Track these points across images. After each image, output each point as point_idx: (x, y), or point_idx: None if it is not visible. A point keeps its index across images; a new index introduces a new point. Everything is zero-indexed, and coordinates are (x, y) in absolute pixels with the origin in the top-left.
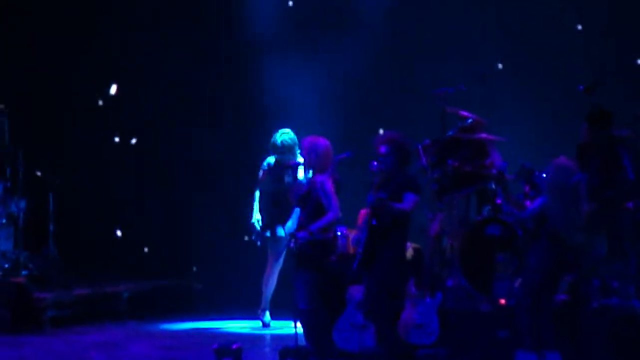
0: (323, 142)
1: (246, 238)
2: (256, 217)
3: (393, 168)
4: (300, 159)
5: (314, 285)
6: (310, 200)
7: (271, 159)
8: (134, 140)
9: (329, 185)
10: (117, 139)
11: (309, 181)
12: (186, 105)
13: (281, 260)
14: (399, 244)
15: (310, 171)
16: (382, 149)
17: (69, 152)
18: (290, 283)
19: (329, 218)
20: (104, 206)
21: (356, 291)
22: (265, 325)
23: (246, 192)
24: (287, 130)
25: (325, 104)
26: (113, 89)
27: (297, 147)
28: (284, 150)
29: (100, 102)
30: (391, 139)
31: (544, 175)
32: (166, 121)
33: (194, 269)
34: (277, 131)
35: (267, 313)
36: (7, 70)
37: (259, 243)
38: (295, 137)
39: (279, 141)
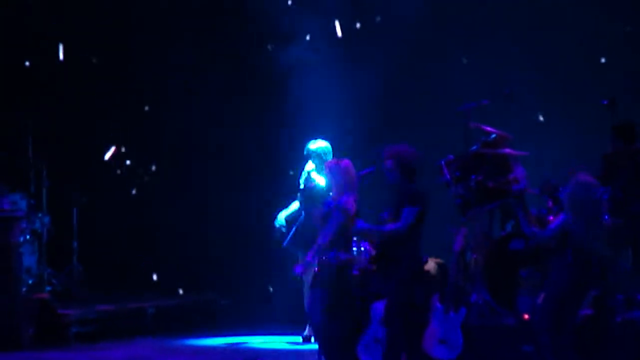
0: (346, 163)
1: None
2: (281, 219)
3: (398, 182)
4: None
5: (329, 302)
6: (328, 219)
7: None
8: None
9: (348, 207)
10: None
11: (332, 201)
12: (215, 120)
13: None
14: (406, 262)
15: (336, 192)
16: (387, 164)
17: (93, 168)
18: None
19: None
20: (128, 223)
21: (380, 306)
22: (305, 339)
23: (271, 208)
24: (321, 141)
25: (349, 117)
26: (109, 154)
27: (327, 156)
28: (314, 156)
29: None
30: (395, 153)
31: (564, 191)
32: (193, 139)
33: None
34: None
35: (308, 327)
36: (33, 87)
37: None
38: (328, 147)
39: (311, 149)
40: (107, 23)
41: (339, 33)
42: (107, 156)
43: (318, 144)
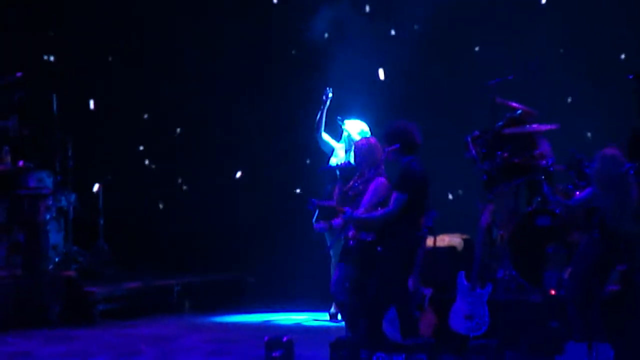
0: (373, 140)
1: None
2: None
3: (398, 160)
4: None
5: (355, 279)
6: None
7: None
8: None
9: (380, 187)
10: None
11: (365, 180)
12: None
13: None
14: (394, 245)
15: (362, 170)
16: (386, 141)
17: (119, 145)
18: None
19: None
20: (154, 199)
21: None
22: (332, 317)
23: (297, 184)
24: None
25: (375, 93)
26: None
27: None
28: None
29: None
30: (390, 130)
31: (591, 165)
32: (218, 113)
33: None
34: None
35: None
36: (58, 64)
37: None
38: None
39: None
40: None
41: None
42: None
43: (355, 124)
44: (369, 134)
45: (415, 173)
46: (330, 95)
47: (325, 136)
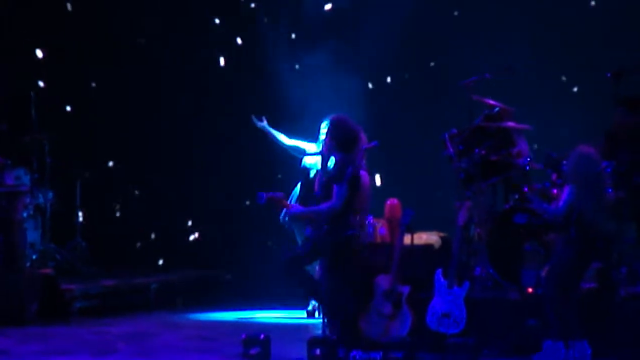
0: (345, 118)
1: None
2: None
3: (334, 155)
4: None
5: (338, 276)
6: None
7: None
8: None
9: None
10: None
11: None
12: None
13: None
14: (326, 243)
15: (335, 150)
16: (324, 136)
17: (96, 141)
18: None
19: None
20: (132, 197)
21: (383, 280)
22: (310, 314)
23: (276, 184)
24: None
25: (352, 93)
26: None
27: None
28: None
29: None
30: (330, 125)
31: (566, 163)
32: (197, 114)
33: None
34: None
35: (311, 302)
36: (36, 61)
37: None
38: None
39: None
40: None
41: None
42: None
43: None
44: None
45: (354, 170)
46: (264, 122)
47: (289, 141)
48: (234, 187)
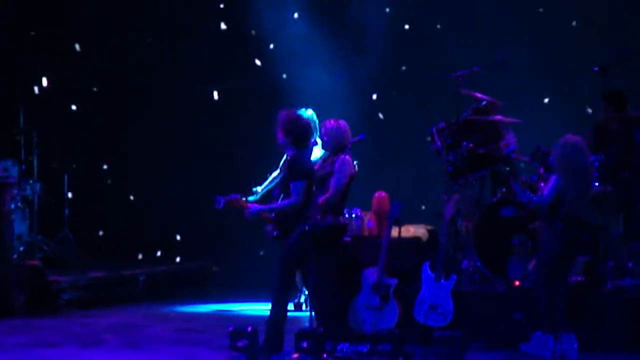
0: (343, 123)
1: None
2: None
3: (287, 151)
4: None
5: (326, 268)
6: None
7: None
8: None
9: (347, 167)
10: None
11: (331, 161)
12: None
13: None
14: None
15: (329, 152)
16: (277, 134)
17: (84, 134)
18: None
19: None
20: (120, 189)
21: (371, 273)
22: (297, 306)
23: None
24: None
25: (340, 87)
26: None
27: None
28: None
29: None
30: (281, 119)
31: (553, 153)
32: (188, 107)
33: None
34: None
35: (301, 295)
36: (26, 53)
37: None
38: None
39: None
40: None
41: None
42: None
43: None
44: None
45: (308, 164)
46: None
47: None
48: (221, 178)
